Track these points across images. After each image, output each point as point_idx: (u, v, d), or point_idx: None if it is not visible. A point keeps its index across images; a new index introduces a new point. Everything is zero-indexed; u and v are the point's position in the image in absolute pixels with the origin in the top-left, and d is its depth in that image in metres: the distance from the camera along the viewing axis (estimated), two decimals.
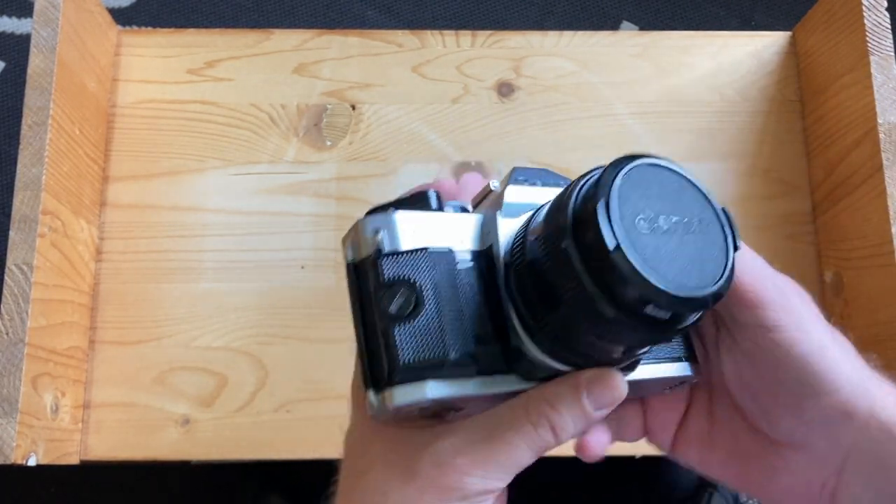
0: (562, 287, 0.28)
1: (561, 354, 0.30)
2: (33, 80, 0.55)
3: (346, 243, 0.31)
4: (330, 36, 0.67)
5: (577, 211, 0.27)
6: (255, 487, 1.02)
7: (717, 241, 0.29)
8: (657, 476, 1.06)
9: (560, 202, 0.29)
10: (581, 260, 0.27)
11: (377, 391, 0.29)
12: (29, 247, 0.52)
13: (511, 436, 0.30)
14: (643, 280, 0.26)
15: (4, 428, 0.49)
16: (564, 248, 0.27)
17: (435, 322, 0.29)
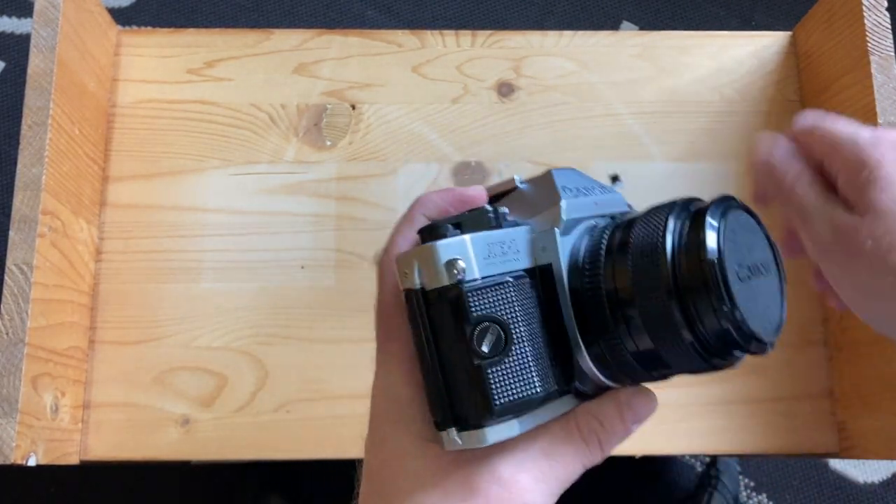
0: (656, 326, 0.29)
1: (616, 373, 0.31)
2: (33, 80, 0.55)
3: (409, 266, 0.29)
4: (330, 36, 0.67)
5: (689, 264, 0.28)
6: (255, 487, 1.02)
7: (775, 282, 0.31)
8: (657, 476, 1.06)
9: (652, 243, 0.29)
10: (682, 307, 0.28)
11: (462, 429, 0.29)
12: (29, 247, 0.52)
13: (566, 451, 0.31)
14: (750, 333, 0.28)
15: (4, 428, 0.49)
16: (666, 294, 0.28)
17: (526, 360, 0.29)
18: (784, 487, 1.06)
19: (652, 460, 1.05)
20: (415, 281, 0.29)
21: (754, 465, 1.07)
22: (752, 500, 1.06)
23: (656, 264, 0.28)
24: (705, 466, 1.05)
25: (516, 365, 0.29)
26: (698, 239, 0.28)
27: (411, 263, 0.29)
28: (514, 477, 0.30)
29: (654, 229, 0.29)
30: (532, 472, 0.30)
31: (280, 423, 0.59)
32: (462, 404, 0.29)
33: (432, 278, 0.29)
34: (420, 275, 0.29)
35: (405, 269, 0.29)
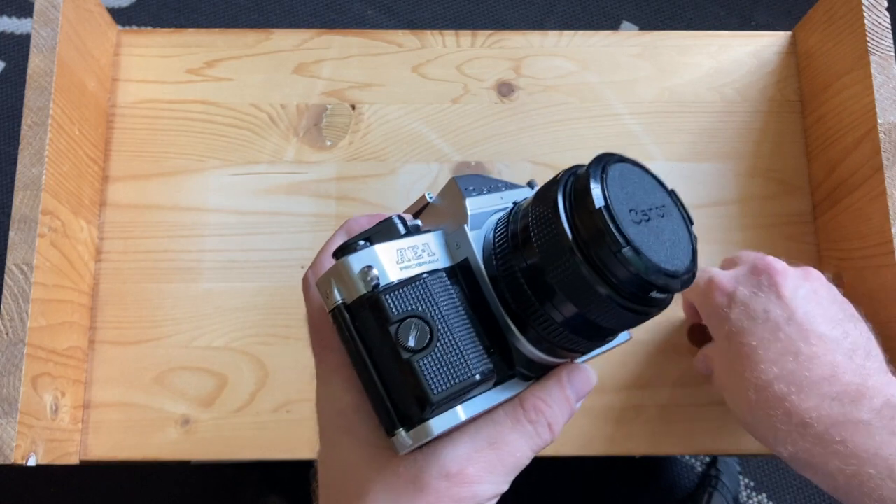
0: (572, 289, 0.29)
1: (556, 350, 0.32)
2: (33, 80, 0.55)
3: (328, 286, 0.30)
4: (330, 36, 0.67)
5: (581, 219, 0.29)
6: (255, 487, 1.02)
7: (680, 222, 0.32)
8: (657, 476, 1.06)
9: (547, 212, 0.30)
10: (589, 262, 0.29)
11: (409, 428, 0.29)
12: (29, 247, 0.52)
13: (515, 438, 0.31)
14: (657, 269, 0.29)
15: (4, 428, 0.49)
16: (570, 254, 0.29)
17: (454, 347, 0.30)
18: (784, 487, 1.06)
19: (652, 460, 1.05)
20: (335, 298, 0.30)
21: (754, 465, 1.07)
22: (752, 500, 1.06)
23: (554, 229, 0.29)
24: (705, 466, 1.05)
25: (446, 354, 0.29)
26: (584, 194, 0.29)
27: (329, 283, 0.30)
28: (462, 470, 0.30)
29: (546, 200, 0.30)
30: (479, 463, 0.31)
31: (280, 423, 0.59)
32: (403, 403, 0.29)
33: (350, 291, 0.30)
34: (339, 291, 0.30)
35: (325, 290, 0.30)
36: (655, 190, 0.32)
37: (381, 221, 0.32)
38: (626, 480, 1.04)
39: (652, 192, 0.32)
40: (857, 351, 0.45)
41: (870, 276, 0.56)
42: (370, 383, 0.30)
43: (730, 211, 0.63)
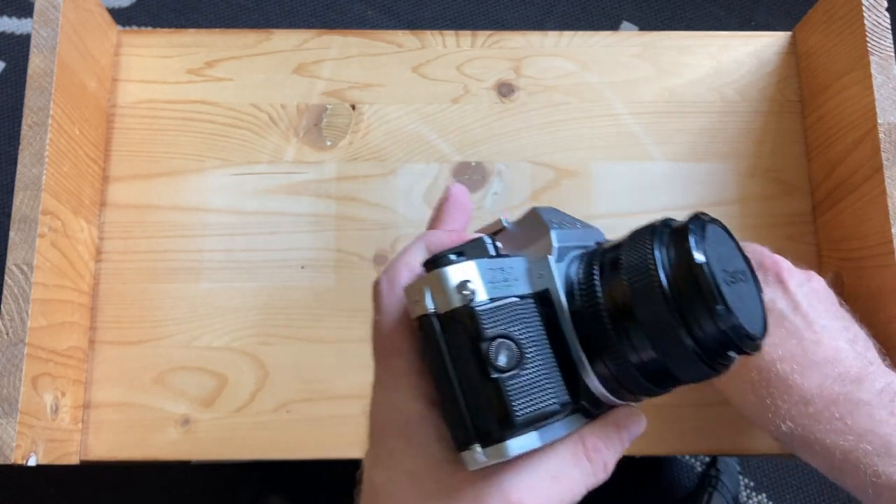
0: (658, 335, 0.30)
1: (618, 390, 0.33)
2: (33, 81, 0.55)
3: (419, 293, 0.31)
4: (330, 36, 0.67)
5: (680, 271, 0.30)
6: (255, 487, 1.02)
7: (753, 288, 0.33)
8: (657, 476, 1.06)
9: (643, 259, 0.31)
10: (681, 313, 0.30)
11: (485, 445, 0.30)
12: (29, 247, 0.52)
13: (574, 474, 0.32)
14: (742, 329, 0.30)
15: (4, 428, 0.49)
16: (663, 302, 0.30)
17: (539, 373, 0.30)
18: (784, 487, 1.06)
19: (652, 460, 1.05)
20: (427, 306, 0.30)
21: (754, 465, 1.07)
22: (752, 500, 1.06)
23: (650, 277, 0.30)
24: (705, 466, 1.05)
25: (532, 378, 0.30)
26: (685, 249, 0.30)
27: (422, 290, 0.31)
28: (521, 500, 0.31)
29: (641, 247, 0.31)
30: (539, 495, 0.31)
31: (280, 423, 0.59)
32: (483, 420, 0.30)
33: (444, 302, 0.30)
34: (432, 300, 0.30)
35: (415, 296, 0.31)
36: (737, 254, 0.33)
37: (472, 240, 0.33)
38: (625, 480, 1.04)
39: (735, 256, 0.33)
40: (857, 342, 0.47)
41: (870, 276, 0.56)
42: (449, 395, 0.30)
43: (730, 211, 0.63)
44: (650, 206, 0.63)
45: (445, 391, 0.31)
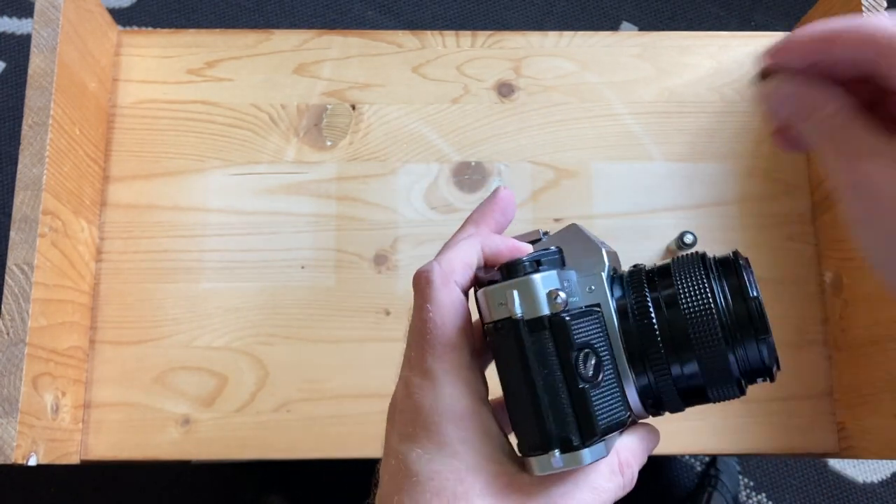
0: (708, 357, 0.32)
1: (648, 404, 0.34)
2: (34, 81, 0.55)
3: (506, 297, 0.31)
4: (330, 36, 0.67)
5: (735, 302, 0.33)
6: (255, 487, 1.02)
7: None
8: (657, 476, 1.06)
9: (701, 286, 0.33)
10: (732, 340, 0.32)
11: (564, 451, 0.31)
12: (29, 247, 0.52)
13: (609, 487, 0.33)
14: (777, 359, 0.33)
15: (5, 428, 0.49)
16: (717, 326, 0.32)
17: (614, 384, 0.32)
18: (784, 487, 1.06)
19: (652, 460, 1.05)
20: (515, 311, 0.31)
21: (754, 465, 1.07)
22: (752, 499, 1.06)
23: (705, 302, 0.32)
24: (705, 466, 1.05)
25: (609, 390, 0.32)
26: (740, 281, 0.33)
27: (509, 295, 0.31)
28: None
29: (695, 275, 0.33)
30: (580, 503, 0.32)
31: (280, 423, 0.59)
32: (565, 427, 0.31)
33: (533, 308, 0.31)
34: (520, 305, 0.31)
35: (500, 299, 0.31)
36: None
37: (544, 250, 0.33)
38: None
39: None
40: None
41: (870, 276, 0.56)
42: (528, 400, 0.31)
43: (730, 211, 0.63)
44: (650, 206, 0.63)
45: (522, 395, 0.31)
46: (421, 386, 0.33)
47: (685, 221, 0.63)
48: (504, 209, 0.38)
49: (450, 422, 0.32)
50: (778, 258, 0.62)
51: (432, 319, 0.33)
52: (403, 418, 0.33)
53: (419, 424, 0.32)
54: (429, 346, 0.33)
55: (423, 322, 0.33)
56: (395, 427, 0.33)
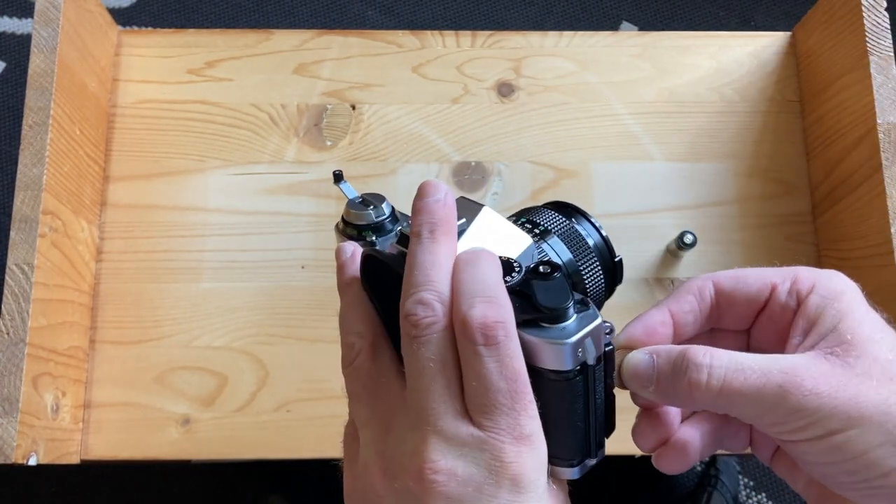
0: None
1: None
2: (34, 81, 0.55)
3: (584, 345, 0.31)
4: (330, 36, 0.67)
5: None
6: (255, 487, 1.02)
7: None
8: (657, 476, 1.06)
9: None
10: None
11: (595, 455, 0.33)
12: (29, 247, 0.52)
13: None
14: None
15: (5, 428, 0.49)
16: None
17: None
18: (783, 487, 1.06)
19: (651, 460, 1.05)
20: (590, 356, 0.31)
21: (754, 465, 1.07)
22: (752, 499, 1.06)
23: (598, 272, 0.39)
24: (705, 466, 1.05)
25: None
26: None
27: (586, 344, 0.31)
28: None
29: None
30: None
31: (280, 423, 0.59)
32: (602, 434, 0.33)
33: (600, 348, 0.32)
34: (594, 349, 0.31)
35: (579, 348, 0.31)
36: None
37: (551, 271, 0.32)
38: (626, 480, 1.04)
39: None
40: None
41: (870, 276, 0.56)
42: (580, 424, 0.32)
43: (730, 211, 0.63)
44: (650, 206, 0.63)
45: (579, 425, 0.32)
46: (518, 454, 0.29)
47: (685, 221, 0.63)
48: (455, 212, 0.36)
49: (543, 474, 0.31)
50: (778, 258, 0.62)
51: (521, 378, 0.30)
52: (488, 498, 0.29)
53: (521, 492, 0.30)
54: (523, 409, 0.30)
55: (512, 382, 0.29)
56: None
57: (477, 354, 0.29)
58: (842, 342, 0.31)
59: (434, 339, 0.30)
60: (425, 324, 0.30)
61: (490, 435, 0.29)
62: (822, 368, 0.30)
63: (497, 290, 0.30)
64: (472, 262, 0.31)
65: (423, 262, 0.31)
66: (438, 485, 0.29)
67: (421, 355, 0.30)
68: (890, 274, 0.54)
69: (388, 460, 0.31)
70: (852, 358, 0.31)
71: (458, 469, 0.29)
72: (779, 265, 0.35)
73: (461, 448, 0.29)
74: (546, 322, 0.30)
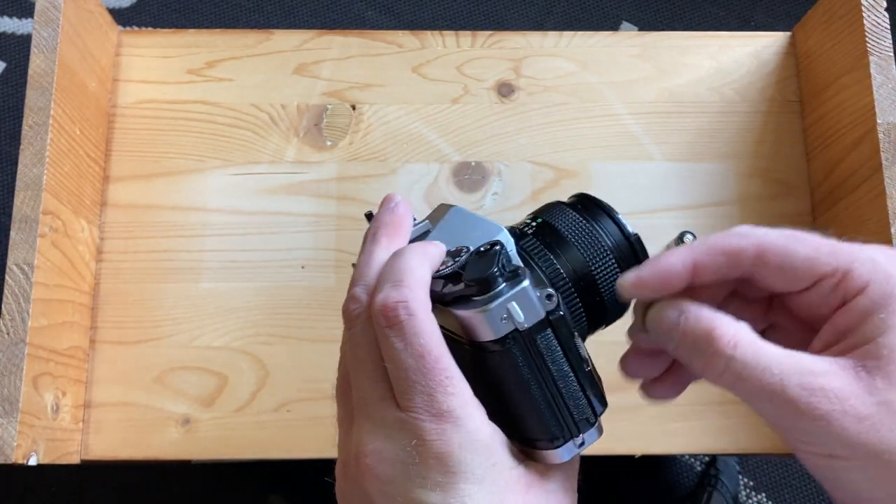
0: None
1: None
2: (34, 81, 0.55)
3: (509, 311, 0.31)
4: (330, 36, 0.67)
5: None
6: (255, 487, 1.02)
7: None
8: (657, 476, 1.06)
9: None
10: None
11: (584, 431, 0.33)
12: (30, 246, 0.52)
13: None
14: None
15: (5, 428, 0.49)
16: None
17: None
18: (783, 487, 1.06)
19: (652, 460, 1.05)
20: (519, 322, 0.31)
21: (754, 465, 1.07)
22: (752, 499, 1.06)
23: (608, 257, 0.38)
24: (704, 466, 1.05)
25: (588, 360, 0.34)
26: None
27: (511, 309, 0.31)
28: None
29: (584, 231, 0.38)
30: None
31: (280, 423, 0.59)
32: (582, 410, 0.32)
33: (534, 314, 0.31)
34: (522, 315, 0.31)
35: (503, 314, 0.31)
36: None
37: (489, 247, 0.33)
38: (625, 480, 1.04)
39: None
40: None
41: None
42: (544, 400, 0.32)
43: (729, 211, 0.63)
44: (650, 206, 0.63)
45: (536, 398, 0.32)
46: (441, 432, 0.29)
47: (685, 221, 0.63)
48: (408, 218, 0.36)
49: (480, 454, 0.30)
50: None
51: (431, 354, 0.30)
52: (419, 479, 0.29)
53: (450, 471, 0.29)
54: (437, 385, 0.30)
55: (420, 359, 0.30)
56: (405, 493, 0.29)
57: (385, 336, 0.30)
58: (878, 357, 0.28)
59: (359, 328, 0.31)
60: (353, 315, 0.31)
61: (409, 415, 0.30)
62: (845, 388, 0.28)
63: (406, 273, 0.31)
64: (396, 254, 0.32)
65: (360, 263, 0.33)
66: (369, 468, 0.30)
67: (351, 345, 0.31)
68: None
69: (344, 453, 0.32)
70: (880, 380, 0.28)
71: (386, 451, 0.30)
72: (838, 239, 0.32)
73: (387, 430, 0.30)
74: (475, 296, 0.31)
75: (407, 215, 0.35)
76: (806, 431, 0.29)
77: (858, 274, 0.30)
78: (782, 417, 0.29)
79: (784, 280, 0.31)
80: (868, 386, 0.28)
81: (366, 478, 0.30)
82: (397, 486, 0.30)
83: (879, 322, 0.29)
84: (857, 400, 0.28)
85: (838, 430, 0.28)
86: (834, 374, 0.28)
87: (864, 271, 0.30)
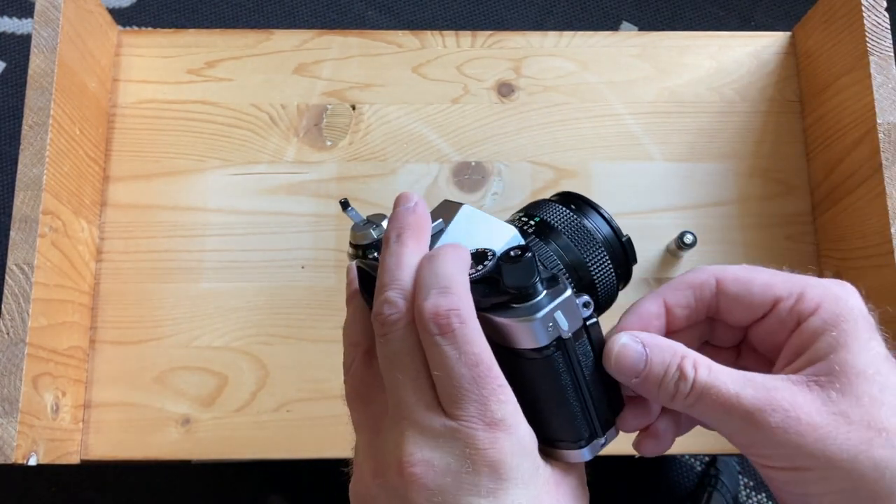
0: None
1: None
2: (34, 81, 0.55)
3: (555, 319, 0.31)
4: (330, 36, 0.67)
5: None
6: (255, 487, 1.02)
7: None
8: (657, 476, 1.06)
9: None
10: None
11: (605, 431, 0.34)
12: (30, 247, 0.52)
13: None
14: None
15: (5, 428, 0.49)
16: None
17: None
18: None
19: (652, 460, 1.05)
20: (563, 329, 0.31)
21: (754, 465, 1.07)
22: (752, 499, 1.06)
23: (602, 255, 0.39)
24: (704, 466, 1.05)
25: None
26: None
27: (555, 317, 0.31)
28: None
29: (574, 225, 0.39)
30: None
31: (280, 423, 0.59)
32: (605, 412, 0.34)
33: (575, 321, 0.32)
34: (567, 322, 0.31)
35: (549, 323, 0.31)
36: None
37: (520, 251, 0.33)
38: (625, 480, 1.04)
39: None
40: None
41: (870, 276, 0.56)
42: (578, 403, 0.33)
43: (730, 211, 0.63)
44: (650, 206, 0.63)
45: (571, 403, 0.32)
46: (494, 440, 0.29)
47: (685, 221, 0.63)
48: (428, 218, 0.35)
49: (527, 459, 0.31)
50: (778, 258, 0.62)
51: (484, 363, 0.30)
52: (470, 487, 0.29)
53: (502, 478, 0.29)
54: (490, 394, 0.29)
55: (474, 368, 0.29)
56: (455, 502, 0.29)
57: (435, 344, 0.30)
58: (830, 373, 0.30)
59: (399, 334, 0.31)
60: (391, 321, 0.31)
61: (461, 423, 0.29)
62: (798, 398, 0.30)
63: (452, 279, 0.30)
64: (432, 258, 0.32)
65: (389, 265, 0.32)
66: (417, 477, 0.29)
67: (389, 351, 0.31)
68: (890, 274, 0.54)
69: (376, 460, 0.31)
70: (835, 392, 0.30)
71: (435, 460, 0.29)
72: (790, 270, 0.34)
73: (436, 439, 0.30)
74: (515, 303, 0.31)
75: (427, 215, 0.35)
76: (765, 445, 0.30)
77: (810, 297, 0.32)
78: (742, 432, 0.30)
79: (744, 307, 0.33)
80: (821, 397, 0.30)
81: (412, 487, 0.29)
82: (447, 496, 0.29)
83: (831, 340, 0.31)
84: (811, 409, 0.29)
85: (796, 438, 0.29)
86: (786, 388, 0.30)
87: (816, 294, 0.32)
